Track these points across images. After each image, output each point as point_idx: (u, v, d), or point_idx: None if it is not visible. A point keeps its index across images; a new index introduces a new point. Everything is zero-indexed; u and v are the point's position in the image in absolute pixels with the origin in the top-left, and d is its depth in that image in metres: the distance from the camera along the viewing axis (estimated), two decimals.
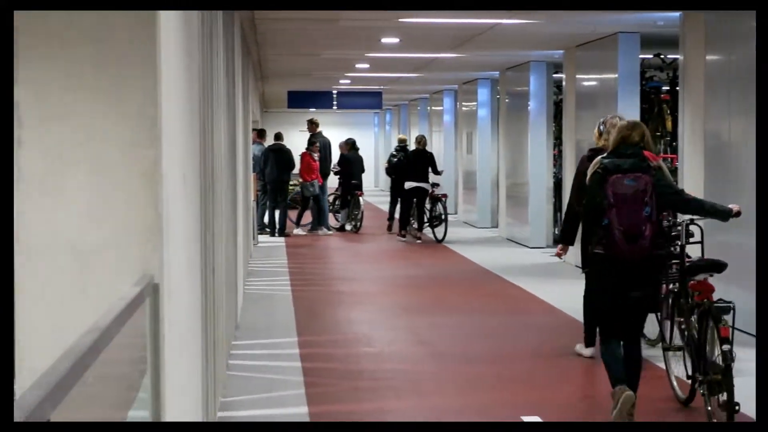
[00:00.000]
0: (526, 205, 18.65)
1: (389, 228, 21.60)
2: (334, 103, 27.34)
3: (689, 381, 7.33)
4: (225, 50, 8.39)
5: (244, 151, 13.77)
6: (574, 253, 11.51)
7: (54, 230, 3.42)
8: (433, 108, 29.94)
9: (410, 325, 11.09)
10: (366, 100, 27.80)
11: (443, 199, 19.97)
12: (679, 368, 7.63)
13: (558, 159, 18.38)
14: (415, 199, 19.90)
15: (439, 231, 19.81)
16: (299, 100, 26.92)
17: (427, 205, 20.10)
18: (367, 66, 20.21)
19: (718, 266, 7.24)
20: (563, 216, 8.82)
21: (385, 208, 28.13)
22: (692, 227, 7.78)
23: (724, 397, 6.66)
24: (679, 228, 7.83)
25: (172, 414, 3.80)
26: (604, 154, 6.95)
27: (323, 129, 22.79)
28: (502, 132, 21.27)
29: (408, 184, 19.96)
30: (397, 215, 21.13)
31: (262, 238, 20.29)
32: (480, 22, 13.23)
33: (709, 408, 6.85)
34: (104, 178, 3.42)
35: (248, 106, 16.33)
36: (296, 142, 29.73)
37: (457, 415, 7.45)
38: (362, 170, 22.79)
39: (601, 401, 7.64)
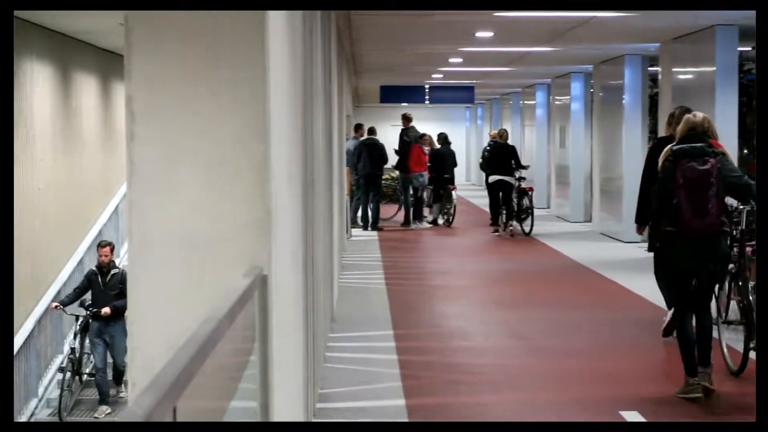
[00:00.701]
0: (620, 199, 18.46)
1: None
2: (427, 97, 27.35)
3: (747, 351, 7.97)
4: (322, 46, 8.46)
5: (339, 146, 13.86)
6: None
7: (167, 223, 3.49)
8: (525, 102, 29.78)
9: (505, 319, 11.08)
10: (458, 94, 27.76)
11: (529, 192, 19.93)
12: (737, 341, 8.32)
13: None
14: (501, 193, 19.94)
15: (527, 224, 19.77)
16: (392, 94, 26.97)
17: (515, 199, 20.08)
18: (460, 60, 20.19)
19: None
20: (637, 200, 9.70)
21: (477, 201, 28.11)
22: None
23: None
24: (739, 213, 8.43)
25: (279, 405, 3.86)
26: (674, 143, 7.63)
27: (415, 123, 22.82)
28: (595, 126, 21.09)
29: (492, 178, 20.06)
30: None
31: (354, 231, 20.40)
32: (575, 16, 13.13)
33: None
34: (216, 172, 3.48)
35: (342, 101, 16.43)
36: (388, 136, 29.80)
37: (555, 410, 7.43)
38: (454, 164, 22.78)
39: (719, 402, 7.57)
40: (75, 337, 13.41)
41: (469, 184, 39.08)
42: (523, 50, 18.21)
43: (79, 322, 13.34)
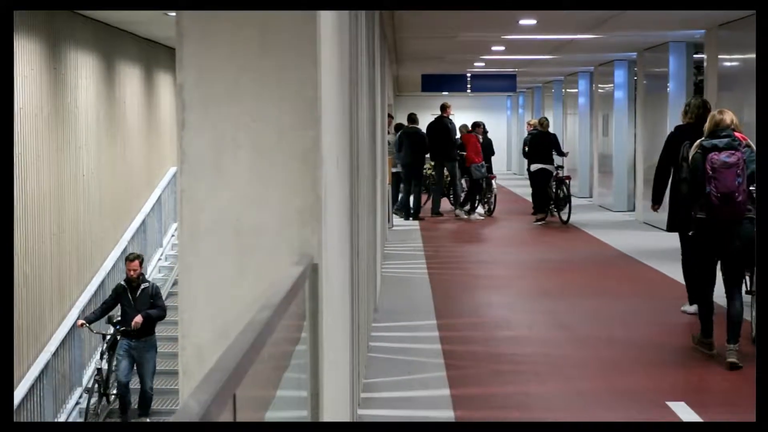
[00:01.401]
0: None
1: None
2: (468, 86, 27.23)
3: None
4: (367, 34, 8.44)
5: (381, 135, 13.85)
6: None
7: (217, 210, 3.49)
8: (567, 90, 29.62)
9: (549, 308, 11.03)
10: (500, 82, 27.62)
11: (567, 181, 19.87)
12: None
13: None
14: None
15: (564, 213, 19.73)
16: (433, 83, 26.87)
17: (553, 188, 20.02)
18: (502, 48, 20.10)
19: None
20: (653, 183, 10.53)
21: (518, 191, 28.01)
22: None
23: None
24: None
25: (328, 394, 3.85)
26: (703, 138, 8.27)
27: (456, 112, 22.70)
28: (639, 114, 20.93)
29: (533, 167, 20.03)
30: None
31: (396, 221, 20.36)
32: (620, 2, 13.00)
33: None
34: (266, 160, 3.47)
35: (384, 89, 16.41)
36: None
37: (601, 401, 7.39)
38: (492, 153, 22.67)
39: (748, 386, 7.50)
40: (102, 357, 12.61)
41: (510, 174, 38.94)
42: (567, 38, 18.10)
43: (106, 340, 12.57)
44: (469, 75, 27.23)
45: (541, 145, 20.11)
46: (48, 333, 13.06)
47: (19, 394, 11.65)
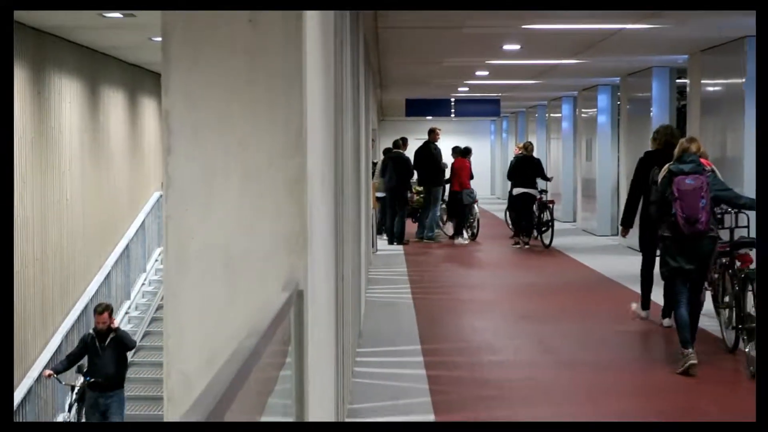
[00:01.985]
0: None
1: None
2: (452, 111, 27.29)
3: (733, 330, 9.35)
4: (351, 60, 8.45)
5: (366, 160, 13.85)
6: None
7: (203, 237, 3.48)
8: (551, 115, 29.70)
9: (534, 332, 11.02)
10: (484, 107, 27.70)
11: (550, 205, 19.93)
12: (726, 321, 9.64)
13: None
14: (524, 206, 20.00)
15: (547, 237, 19.78)
16: (417, 107, 26.92)
17: (536, 212, 20.09)
18: (486, 73, 20.17)
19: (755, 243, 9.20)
20: (624, 205, 11.28)
21: (502, 216, 28.02)
22: (740, 215, 10.02)
23: None
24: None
25: (313, 420, 3.83)
26: (671, 162, 8.98)
27: (441, 137, 22.71)
28: (622, 139, 21.01)
29: (516, 190, 20.04)
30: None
31: (380, 245, 20.34)
32: (604, 28, 13.09)
33: (748, 350, 8.64)
34: (253, 186, 3.46)
35: (369, 114, 16.43)
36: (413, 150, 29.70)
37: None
38: (470, 177, 22.70)
39: (738, 410, 7.50)
40: (70, 410, 12.24)
41: (494, 198, 38.99)
42: (550, 63, 18.18)
43: (75, 392, 12.13)
44: (452, 100, 27.30)
45: (524, 169, 20.15)
46: (31, 358, 12.99)
47: None
